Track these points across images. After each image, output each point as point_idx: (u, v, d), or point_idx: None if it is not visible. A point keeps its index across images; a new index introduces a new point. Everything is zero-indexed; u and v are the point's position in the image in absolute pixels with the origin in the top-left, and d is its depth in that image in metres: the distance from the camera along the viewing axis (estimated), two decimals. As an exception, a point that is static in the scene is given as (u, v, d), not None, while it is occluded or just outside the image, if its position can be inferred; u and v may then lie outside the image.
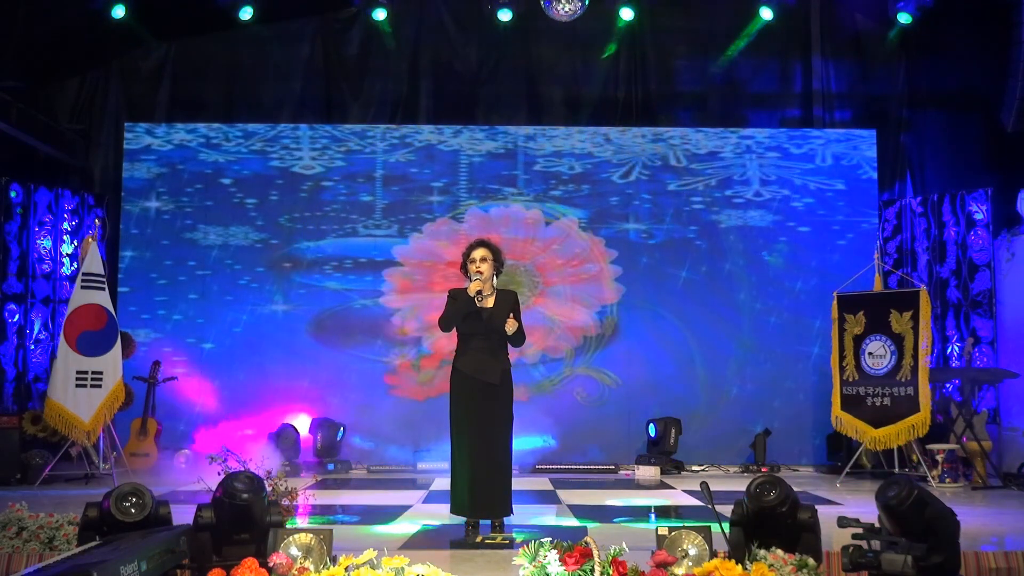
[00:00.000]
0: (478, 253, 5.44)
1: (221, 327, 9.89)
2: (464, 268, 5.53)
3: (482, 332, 5.35)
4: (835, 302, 8.57)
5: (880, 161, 10.18)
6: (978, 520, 5.82)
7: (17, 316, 9.25)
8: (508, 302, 5.44)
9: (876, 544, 3.62)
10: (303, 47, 10.45)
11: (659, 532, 4.01)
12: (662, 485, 8.34)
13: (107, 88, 10.45)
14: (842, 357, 8.47)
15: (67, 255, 9.72)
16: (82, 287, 8.03)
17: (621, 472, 9.29)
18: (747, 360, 9.87)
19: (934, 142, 10.30)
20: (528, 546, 3.79)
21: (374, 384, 9.84)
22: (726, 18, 10.28)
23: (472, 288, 5.33)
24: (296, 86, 10.48)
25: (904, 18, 9.34)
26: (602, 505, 7.13)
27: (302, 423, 9.41)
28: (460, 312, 5.37)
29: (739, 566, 3.71)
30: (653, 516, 6.56)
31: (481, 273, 5.38)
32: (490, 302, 5.40)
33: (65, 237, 9.71)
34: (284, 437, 9.13)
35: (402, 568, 3.76)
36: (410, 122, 10.33)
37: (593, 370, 9.91)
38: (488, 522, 5.35)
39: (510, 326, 5.31)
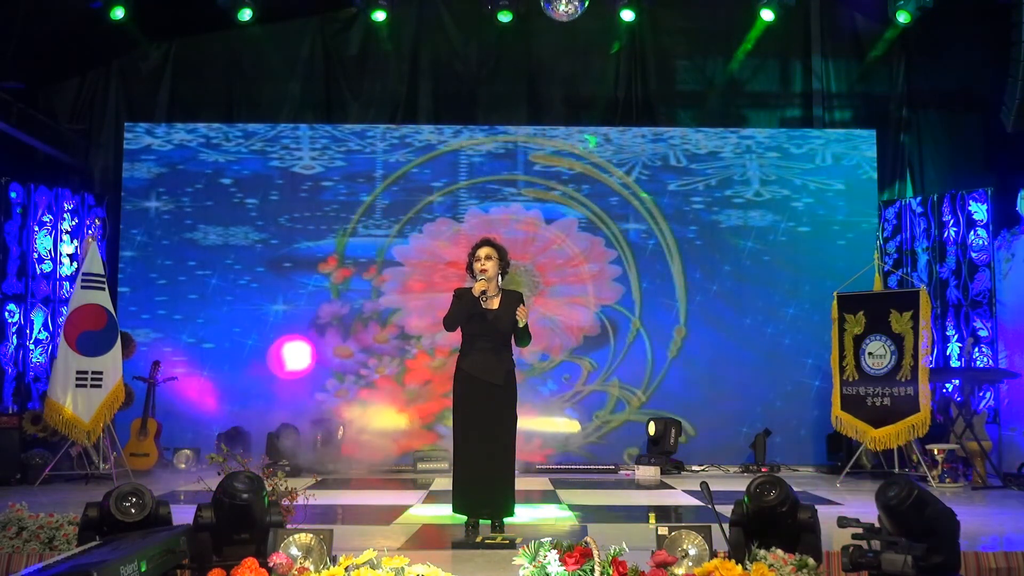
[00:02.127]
0: (483, 251, 5.44)
1: (221, 327, 9.89)
2: (469, 268, 5.52)
3: (486, 333, 5.34)
4: (835, 302, 8.57)
5: (880, 161, 10.18)
6: (978, 520, 5.82)
7: (17, 316, 9.24)
8: (514, 303, 5.44)
9: (876, 544, 3.62)
10: (303, 47, 10.45)
11: (659, 532, 4.01)
12: (662, 485, 8.35)
13: (107, 88, 10.45)
14: (842, 357, 8.47)
15: (67, 255, 9.72)
16: (82, 287, 8.04)
17: (621, 472, 9.29)
18: (747, 360, 9.86)
19: (934, 142, 10.30)
20: (528, 546, 3.79)
21: (374, 384, 9.84)
22: (726, 18, 10.29)
23: (477, 288, 5.32)
24: (296, 86, 10.48)
25: (903, 17, 9.31)
26: (602, 505, 7.13)
27: (302, 423, 9.40)
28: (465, 312, 5.36)
29: (739, 566, 3.71)
30: (653, 516, 6.56)
31: (486, 271, 5.37)
32: (495, 303, 5.40)
33: (65, 237, 9.70)
34: (284, 437, 9.12)
35: (402, 568, 3.76)
36: (410, 122, 10.33)
37: (592, 371, 9.91)
38: (488, 522, 5.35)
39: (521, 315, 5.30)
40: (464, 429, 5.37)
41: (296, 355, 9.79)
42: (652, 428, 9.37)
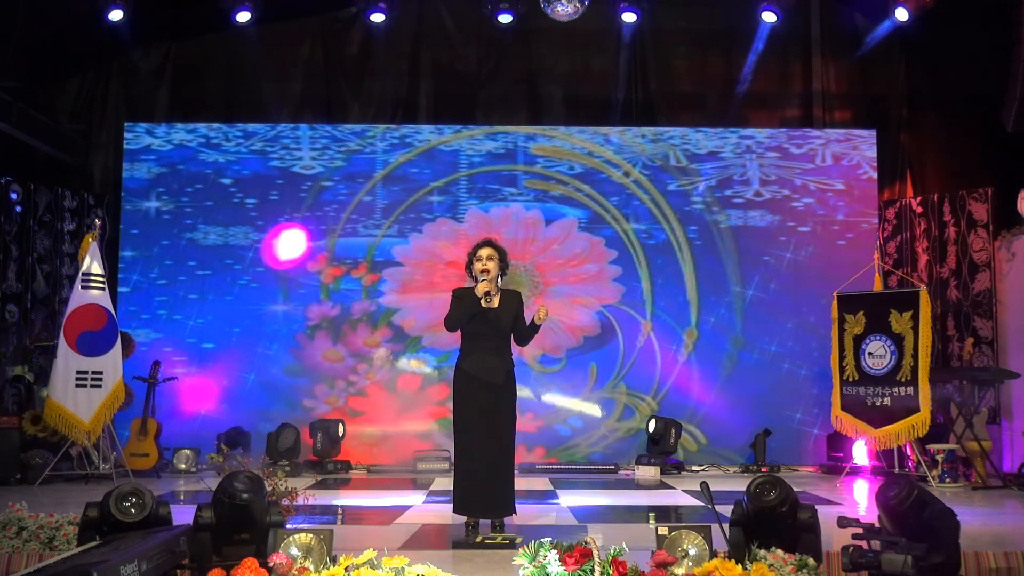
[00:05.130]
0: (484, 252, 5.45)
1: (221, 327, 9.88)
2: (469, 267, 5.52)
3: (487, 332, 5.35)
4: (835, 302, 8.57)
5: (880, 161, 10.17)
6: (978, 520, 5.82)
7: (17, 316, 9.23)
8: (513, 303, 5.45)
9: (876, 544, 3.62)
10: (303, 47, 10.44)
11: (659, 532, 4.01)
12: (662, 485, 8.35)
13: (107, 88, 10.43)
14: (842, 357, 8.47)
15: (67, 255, 9.71)
16: (82, 287, 8.04)
17: (621, 472, 9.29)
18: (747, 360, 9.87)
19: (934, 142, 10.29)
20: (528, 546, 3.79)
21: (374, 384, 9.84)
22: (726, 18, 10.28)
23: (480, 289, 5.34)
24: (296, 86, 10.47)
25: (901, 14, 9.27)
26: (602, 505, 7.13)
27: (302, 423, 9.40)
28: (466, 312, 5.38)
29: (739, 566, 3.71)
30: (653, 516, 6.56)
31: (488, 272, 5.39)
32: (496, 302, 5.41)
33: (65, 237, 9.70)
34: (284, 437, 9.13)
35: (402, 568, 3.76)
36: (410, 122, 10.33)
37: (592, 371, 9.92)
38: (488, 522, 5.35)
39: (540, 315, 5.34)
40: (465, 429, 5.38)
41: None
42: (652, 427, 9.36)
